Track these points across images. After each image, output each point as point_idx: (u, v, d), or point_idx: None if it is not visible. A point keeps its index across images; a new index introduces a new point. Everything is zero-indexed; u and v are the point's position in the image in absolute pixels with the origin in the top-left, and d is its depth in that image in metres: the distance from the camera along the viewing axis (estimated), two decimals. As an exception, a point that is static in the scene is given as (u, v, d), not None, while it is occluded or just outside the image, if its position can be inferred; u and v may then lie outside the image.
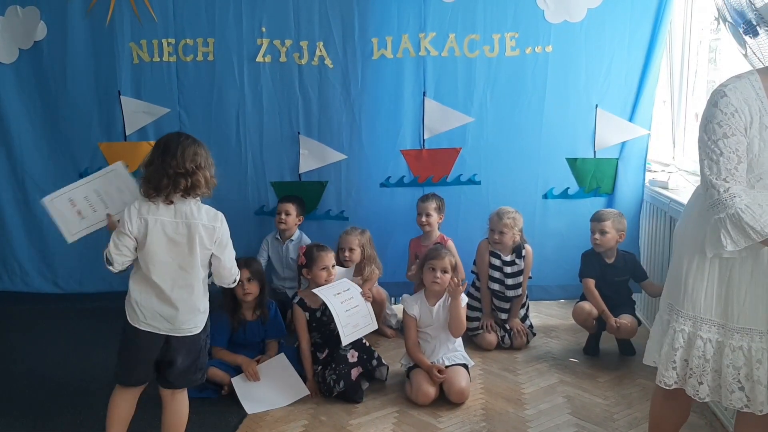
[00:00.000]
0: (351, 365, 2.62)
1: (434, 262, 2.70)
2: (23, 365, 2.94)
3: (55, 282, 3.84)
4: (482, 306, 3.25)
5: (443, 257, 2.70)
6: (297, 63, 3.46)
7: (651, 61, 3.30)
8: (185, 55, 3.52)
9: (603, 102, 3.37)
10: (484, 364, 2.96)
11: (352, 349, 2.67)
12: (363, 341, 2.72)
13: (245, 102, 3.54)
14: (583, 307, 3.03)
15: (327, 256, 2.79)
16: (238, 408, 2.51)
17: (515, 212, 3.18)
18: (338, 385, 2.58)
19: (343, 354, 2.65)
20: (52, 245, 3.70)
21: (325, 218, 3.62)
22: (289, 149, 3.56)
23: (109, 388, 2.10)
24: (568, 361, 3.00)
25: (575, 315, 3.09)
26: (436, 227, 3.32)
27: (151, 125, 3.62)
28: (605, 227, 3.02)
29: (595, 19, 3.27)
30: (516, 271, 3.22)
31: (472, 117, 3.42)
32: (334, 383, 2.58)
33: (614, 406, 2.54)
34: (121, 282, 2.09)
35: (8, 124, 3.69)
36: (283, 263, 3.51)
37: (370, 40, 3.36)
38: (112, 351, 2.05)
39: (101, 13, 3.51)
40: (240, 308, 2.72)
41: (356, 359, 2.65)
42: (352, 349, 2.67)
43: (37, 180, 3.72)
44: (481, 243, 3.27)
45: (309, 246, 2.90)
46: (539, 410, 2.52)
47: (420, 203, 3.34)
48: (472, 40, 3.33)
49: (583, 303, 3.06)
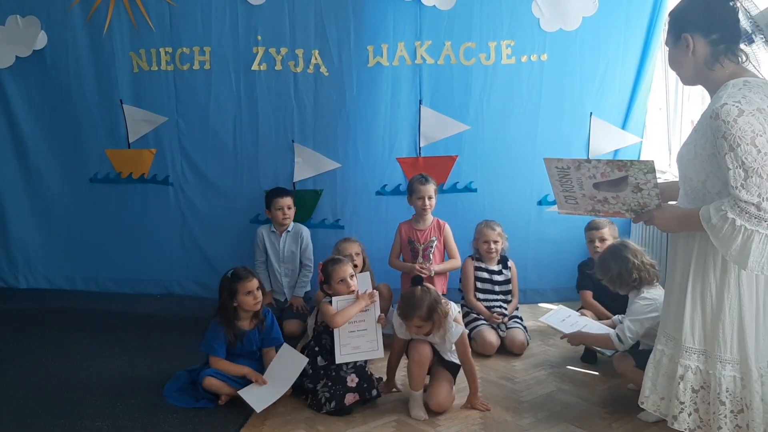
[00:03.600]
0: (348, 389, 2.53)
1: (407, 320, 2.47)
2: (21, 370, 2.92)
3: (73, 280, 3.95)
4: (479, 312, 3.24)
5: (414, 316, 2.44)
6: (292, 71, 3.48)
7: (644, 70, 3.34)
8: (182, 63, 3.53)
9: (597, 110, 3.39)
10: (482, 372, 2.94)
11: (354, 374, 2.58)
12: (367, 370, 2.60)
13: (241, 110, 3.56)
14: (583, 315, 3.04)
15: (342, 268, 2.69)
16: (235, 418, 2.49)
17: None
18: (329, 404, 2.51)
19: (344, 375, 2.57)
20: (67, 245, 3.82)
21: (321, 227, 3.62)
22: (284, 157, 3.58)
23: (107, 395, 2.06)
24: (566, 368, 2.99)
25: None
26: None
27: (152, 133, 3.66)
28: (604, 234, 3.05)
29: (589, 27, 3.30)
30: (504, 280, 3.27)
31: (468, 125, 3.44)
32: (326, 401, 2.52)
33: (613, 414, 2.53)
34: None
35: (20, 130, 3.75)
36: (279, 257, 3.49)
37: (365, 47, 3.38)
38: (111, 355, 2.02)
39: (100, 22, 3.52)
40: (237, 320, 2.70)
41: (355, 385, 2.55)
42: (353, 373, 2.58)
43: (49, 184, 3.80)
44: (466, 261, 3.29)
45: (324, 262, 2.80)
46: (537, 418, 2.51)
47: (418, 186, 3.20)
48: (468, 48, 3.35)
49: (584, 312, 3.08)
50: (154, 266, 3.81)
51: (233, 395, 2.55)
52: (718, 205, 1.55)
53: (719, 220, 1.53)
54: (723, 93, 1.58)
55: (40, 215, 3.85)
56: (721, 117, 1.52)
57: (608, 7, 3.29)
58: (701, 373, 1.65)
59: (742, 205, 1.51)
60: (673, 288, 1.75)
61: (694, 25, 1.62)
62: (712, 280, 1.63)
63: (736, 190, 1.51)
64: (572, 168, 1.69)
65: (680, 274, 1.71)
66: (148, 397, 2.62)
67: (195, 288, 3.81)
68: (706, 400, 1.65)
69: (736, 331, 1.62)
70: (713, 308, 1.64)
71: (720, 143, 1.53)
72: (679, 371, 1.67)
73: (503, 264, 3.31)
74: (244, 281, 2.63)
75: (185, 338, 3.15)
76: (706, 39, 1.61)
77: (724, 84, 1.61)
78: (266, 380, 2.58)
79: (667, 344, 1.73)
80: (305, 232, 3.50)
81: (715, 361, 1.64)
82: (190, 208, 3.73)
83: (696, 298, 1.66)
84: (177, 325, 3.40)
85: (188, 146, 3.66)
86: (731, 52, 1.62)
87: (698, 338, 1.66)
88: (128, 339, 3.28)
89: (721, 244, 1.55)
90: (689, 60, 1.65)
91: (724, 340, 1.63)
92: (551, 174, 1.76)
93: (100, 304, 3.79)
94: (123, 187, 3.76)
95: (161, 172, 3.72)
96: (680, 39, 1.64)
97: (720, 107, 1.53)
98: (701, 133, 1.61)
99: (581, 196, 1.73)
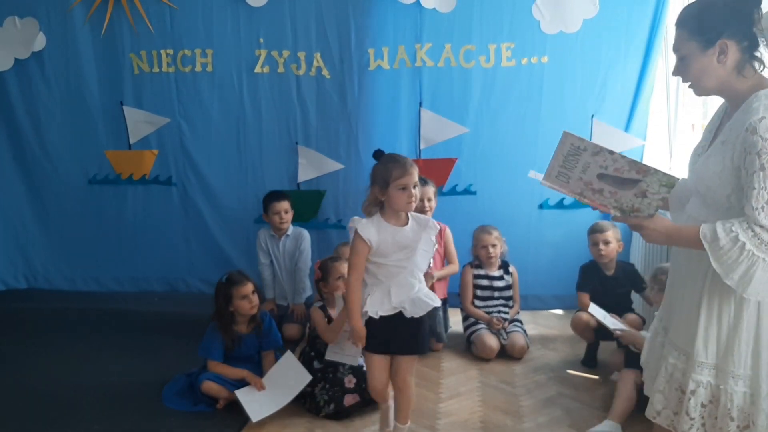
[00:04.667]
0: (346, 390, 2.53)
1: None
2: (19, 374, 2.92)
3: (73, 280, 3.93)
4: (478, 318, 3.23)
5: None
6: (295, 74, 3.48)
7: (646, 72, 3.32)
8: (184, 65, 3.54)
9: (599, 112, 3.38)
10: (482, 377, 2.94)
11: (351, 374, 2.58)
12: (365, 370, 2.46)
13: (244, 112, 3.57)
14: (581, 318, 3.04)
15: (342, 265, 2.68)
16: (233, 422, 2.49)
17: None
18: (328, 407, 2.51)
19: (341, 377, 2.57)
20: (67, 246, 3.83)
21: (324, 227, 3.64)
22: (288, 158, 3.59)
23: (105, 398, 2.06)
24: (566, 373, 2.98)
25: (573, 325, 3.10)
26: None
27: (153, 134, 3.67)
28: (608, 237, 3.04)
29: (591, 29, 3.29)
30: (505, 285, 3.26)
31: (467, 127, 3.43)
32: (325, 404, 2.52)
33: (613, 418, 2.52)
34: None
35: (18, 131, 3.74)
36: (279, 261, 3.48)
37: (366, 50, 3.38)
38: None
39: (99, 23, 3.53)
40: (234, 323, 2.69)
41: (353, 386, 2.55)
42: (351, 374, 2.58)
43: (48, 186, 3.79)
44: (465, 269, 3.29)
45: (323, 260, 2.81)
46: (537, 423, 2.50)
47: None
48: (468, 51, 3.35)
49: (581, 313, 3.06)
50: (158, 264, 3.82)
51: (231, 399, 2.55)
52: (727, 226, 1.48)
53: (727, 242, 1.47)
54: (757, 105, 1.49)
55: (40, 216, 3.86)
56: (759, 132, 1.44)
57: (609, 9, 3.27)
58: (711, 388, 1.60)
59: (757, 229, 1.45)
60: (683, 299, 1.68)
61: (731, 31, 1.52)
62: (732, 295, 1.56)
63: (755, 211, 1.44)
64: (588, 151, 1.60)
65: (692, 285, 1.64)
66: (147, 400, 2.62)
67: (200, 285, 3.81)
68: (713, 415, 1.61)
69: (752, 347, 1.57)
70: (730, 323, 1.58)
71: (752, 159, 1.45)
72: (691, 386, 1.61)
73: (504, 269, 3.30)
74: (239, 286, 2.62)
75: (184, 341, 3.14)
76: (739, 46, 1.53)
77: (755, 95, 1.52)
78: (264, 385, 2.57)
79: (680, 358, 1.67)
80: (306, 237, 3.49)
81: (727, 377, 1.59)
82: (194, 207, 3.74)
83: (712, 313, 1.59)
84: (178, 326, 3.39)
85: (191, 147, 3.66)
86: (754, 59, 1.56)
87: (711, 353, 1.60)
88: (128, 341, 3.28)
89: (722, 267, 1.49)
90: (717, 68, 1.55)
91: (740, 355, 1.58)
92: (561, 147, 1.65)
93: (101, 304, 3.79)
94: (123, 188, 3.76)
95: (164, 172, 3.73)
96: (713, 45, 1.53)
97: (758, 121, 1.45)
98: (731, 144, 1.53)
99: (577, 179, 1.65)
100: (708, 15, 1.55)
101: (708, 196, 1.60)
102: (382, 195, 2.08)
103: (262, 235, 3.51)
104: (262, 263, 3.50)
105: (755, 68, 1.56)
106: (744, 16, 1.53)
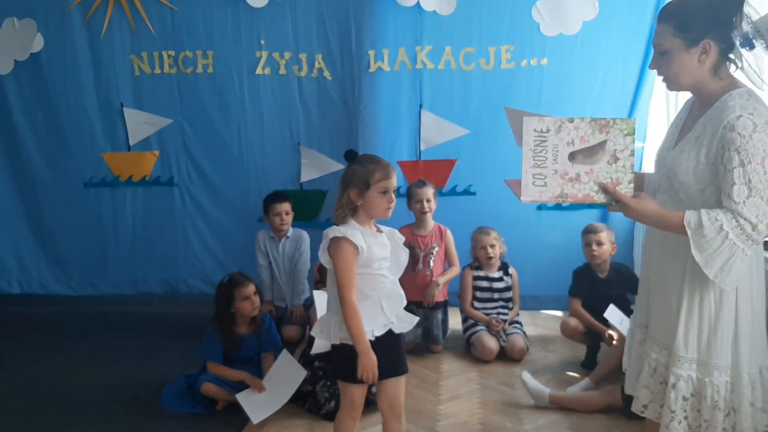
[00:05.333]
0: None
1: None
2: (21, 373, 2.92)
3: (68, 284, 3.90)
4: (477, 320, 3.23)
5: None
6: (296, 75, 3.50)
7: (645, 74, 3.32)
8: (185, 67, 3.54)
9: (598, 114, 3.35)
10: (482, 378, 2.94)
11: None
12: None
13: (246, 113, 3.58)
14: (568, 323, 3.09)
15: None
16: (232, 423, 2.49)
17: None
18: (329, 404, 2.50)
19: None
20: (61, 250, 3.81)
21: (326, 226, 3.59)
22: (291, 159, 3.61)
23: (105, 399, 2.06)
24: (565, 374, 2.98)
25: (562, 330, 3.15)
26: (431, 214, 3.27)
27: (155, 135, 3.67)
28: (601, 238, 3.04)
29: (590, 32, 3.30)
30: (504, 287, 3.27)
31: (467, 129, 3.44)
32: (326, 401, 2.51)
33: (613, 420, 2.52)
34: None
35: (13, 134, 3.72)
36: (279, 263, 3.48)
37: (366, 52, 3.39)
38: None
39: (99, 24, 3.53)
40: (235, 325, 2.69)
41: None
42: None
43: (43, 189, 3.76)
44: (464, 271, 3.30)
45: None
46: (537, 425, 2.50)
47: (415, 189, 3.22)
48: (468, 53, 3.36)
49: (569, 318, 3.11)
50: (158, 265, 3.81)
51: (231, 401, 2.55)
52: (712, 215, 1.52)
53: (711, 231, 1.51)
54: (733, 103, 1.54)
55: (33, 220, 3.82)
56: (737, 129, 1.49)
57: (609, 11, 3.28)
58: (693, 381, 1.63)
59: (741, 221, 1.49)
60: (662, 295, 1.70)
61: (715, 32, 1.56)
62: (712, 289, 1.60)
63: (738, 205, 1.49)
64: (552, 130, 1.64)
65: (671, 280, 1.67)
66: (146, 402, 2.62)
67: (201, 286, 3.81)
68: (695, 408, 1.64)
69: (732, 338, 1.61)
70: (712, 317, 1.61)
71: (731, 156, 1.50)
72: (671, 380, 1.64)
73: (504, 270, 3.31)
74: (241, 287, 2.62)
75: (183, 343, 3.14)
76: (719, 47, 1.58)
77: (728, 93, 1.57)
78: (264, 386, 2.57)
79: (662, 353, 1.70)
80: (305, 238, 3.49)
81: (711, 370, 1.61)
82: (196, 207, 3.74)
83: (693, 308, 1.62)
84: (176, 328, 3.40)
85: (193, 148, 3.67)
86: (729, 61, 1.61)
87: (692, 347, 1.63)
88: (126, 343, 3.28)
89: (702, 255, 1.52)
90: (696, 67, 1.59)
91: (722, 348, 1.61)
92: (526, 141, 1.65)
93: (98, 307, 3.78)
94: (122, 190, 3.75)
95: (165, 173, 3.73)
96: (697, 44, 1.57)
97: (736, 119, 1.50)
98: (706, 141, 1.57)
99: (552, 173, 1.66)
100: (694, 14, 1.58)
101: (681, 191, 1.63)
102: (359, 198, 1.86)
103: (261, 237, 3.51)
104: (261, 265, 3.50)
105: (729, 71, 1.61)
106: (725, 19, 1.57)
